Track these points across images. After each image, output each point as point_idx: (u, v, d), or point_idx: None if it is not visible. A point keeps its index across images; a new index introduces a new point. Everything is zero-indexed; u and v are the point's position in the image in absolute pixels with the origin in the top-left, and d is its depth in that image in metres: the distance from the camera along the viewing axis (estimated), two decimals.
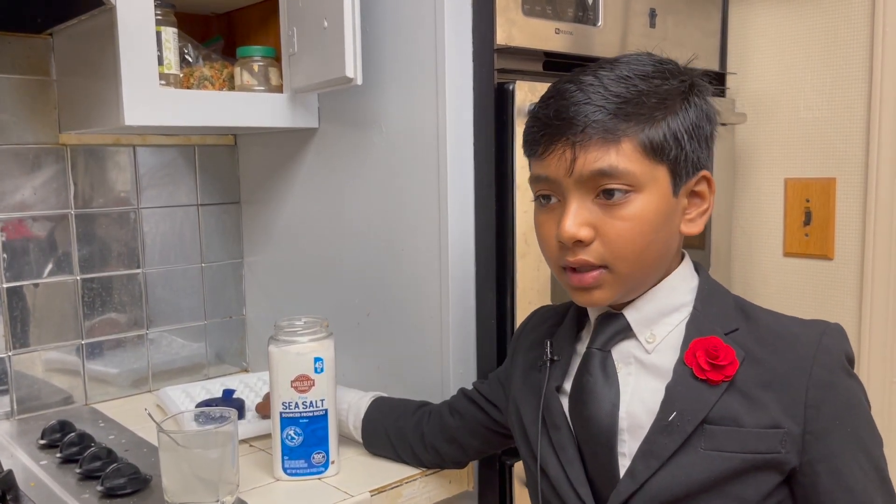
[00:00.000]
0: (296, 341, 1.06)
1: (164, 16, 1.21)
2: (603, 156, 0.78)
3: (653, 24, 1.42)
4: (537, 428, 0.89)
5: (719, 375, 0.78)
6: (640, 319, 0.85)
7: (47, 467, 1.13)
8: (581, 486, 0.84)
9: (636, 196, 0.79)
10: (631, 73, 0.80)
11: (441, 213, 1.16)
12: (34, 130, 1.36)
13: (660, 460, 0.78)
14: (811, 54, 1.52)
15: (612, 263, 0.80)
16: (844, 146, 1.48)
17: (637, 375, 0.84)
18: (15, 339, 1.36)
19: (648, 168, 0.79)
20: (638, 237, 0.80)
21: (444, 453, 1.09)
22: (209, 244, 1.58)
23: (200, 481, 0.96)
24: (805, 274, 1.53)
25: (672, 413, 0.79)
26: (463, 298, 1.18)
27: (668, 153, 0.80)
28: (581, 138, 0.79)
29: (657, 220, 0.81)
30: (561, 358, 0.90)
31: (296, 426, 1.07)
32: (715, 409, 0.78)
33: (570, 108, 0.79)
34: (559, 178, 0.81)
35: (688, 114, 0.81)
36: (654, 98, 0.79)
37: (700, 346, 0.80)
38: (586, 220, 0.80)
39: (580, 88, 0.80)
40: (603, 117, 0.78)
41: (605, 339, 0.86)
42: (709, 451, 0.77)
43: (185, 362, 1.57)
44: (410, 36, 1.18)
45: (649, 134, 0.79)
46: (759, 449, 0.77)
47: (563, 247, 0.82)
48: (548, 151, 0.81)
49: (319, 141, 1.38)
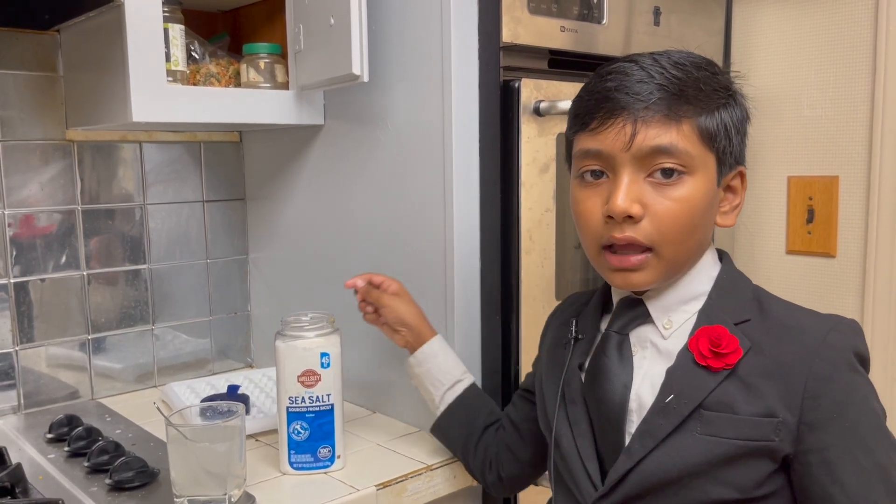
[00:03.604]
0: (302, 336, 1.07)
1: (171, 13, 1.22)
2: (664, 133, 0.79)
3: (657, 22, 1.43)
4: (556, 401, 0.91)
5: (720, 363, 0.80)
6: (660, 306, 0.86)
7: (55, 461, 1.14)
8: (589, 461, 0.86)
9: (688, 178, 0.80)
10: (685, 60, 0.82)
11: (446, 209, 1.17)
12: (42, 126, 1.37)
13: (655, 440, 0.80)
14: (814, 52, 1.52)
15: (659, 245, 0.81)
16: (847, 144, 1.48)
17: (651, 359, 0.86)
18: (22, 333, 1.37)
19: (702, 153, 0.81)
20: (687, 219, 0.81)
21: (503, 471, 1.08)
22: (215, 240, 1.59)
23: (208, 475, 0.97)
24: (808, 272, 1.54)
25: (670, 395, 0.81)
26: (468, 295, 1.19)
27: (718, 142, 0.82)
28: (645, 114, 0.79)
29: (704, 204, 0.82)
30: (585, 337, 0.92)
31: (302, 421, 1.08)
32: (712, 395, 0.79)
33: (635, 84, 0.80)
34: (614, 152, 0.80)
35: (736, 109, 0.84)
36: (709, 87, 0.81)
37: (704, 334, 0.81)
38: (638, 197, 0.80)
39: (641, 67, 0.81)
40: (666, 96, 0.79)
41: (624, 322, 0.88)
42: (704, 436, 0.79)
43: (190, 358, 1.58)
44: (416, 33, 1.19)
45: (706, 120, 0.81)
46: (753, 436, 0.78)
47: (608, 224, 0.82)
48: (605, 125, 0.81)
49: (325, 138, 1.39)
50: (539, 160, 1.21)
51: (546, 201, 1.23)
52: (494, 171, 1.20)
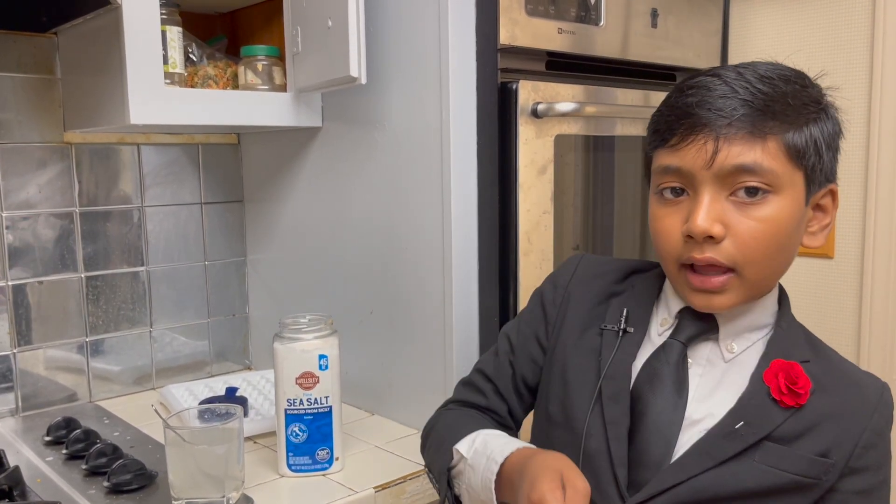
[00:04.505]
0: (301, 338, 1.07)
1: (168, 15, 1.22)
2: (748, 151, 0.75)
3: (654, 23, 1.43)
4: (589, 394, 0.87)
5: (793, 401, 0.80)
6: (730, 329, 0.85)
7: (53, 463, 1.14)
8: (620, 467, 0.82)
9: (773, 198, 0.77)
10: (772, 73, 0.78)
11: (444, 211, 1.17)
12: (39, 129, 1.36)
13: (714, 460, 0.79)
14: (811, 54, 1.52)
15: (742, 266, 0.78)
16: (845, 145, 1.48)
17: (704, 377, 0.84)
18: (20, 336, 1.37)
19: (788, 171, 0.77)
20: (772, 240, 0.77)
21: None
22: (213, 242, 1.59)
23: (206, 477, 0.97)
24: (805, 273, 1.54)
25: (740, 422, 0.80)
26: (466, 296, 1.19)
27: (807, 159, 0.78)
28: (727, 131, 0.76)
29: (790, 225, 0.78)
30: (635, 331, 0.88)
31: (300, 423, 1.08)
32: (779, 428, 0.80)
33: (717, 99, 0.76)
34: (695, 170, 0.77)
35: (826, 124, 0.80)
36: (798, 101, 0.78)
37: (782, 369, 0.81)
38: (719, 217, 0.77)
39: (724, 82, 0.77)
40: (751, 112, 0.76)
41: (690, 334, 0.85)
42: (761, 465, 0.79)
43: (189, 360, 1.58)
44: (414, 35, 1.19)
45: (793, 136, 0.77)
46: (807, 473, 0.79)
47: (687, 243, 0.79)
48: (685, 142, 0.78)
49: (323, 140, 1.39)
50: (537, 162, 1.21)
51: (544, 203, 1.23)
52: (492, 172, 1.20)
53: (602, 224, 1.39)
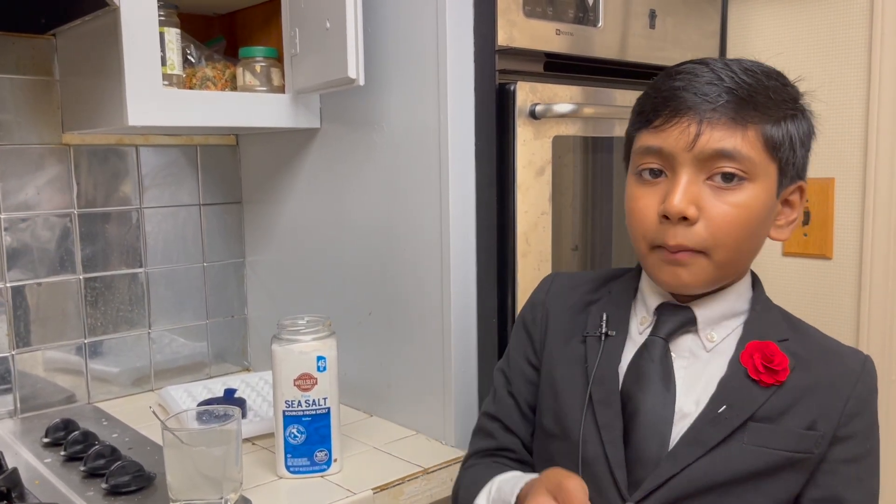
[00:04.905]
0: (299, 340, 1.07)
1: (167, 16, 1.22)
2: (728, 137, 0.78)
3: (652, 24, 1.43)
4: (580, 401, 0.88)
5: (771, 379, 0.82)
6: (708, 318, 0.87)
7: (51, 465, 1.14)
8: (618, 468, 0.83)
9: (748, 185, 0.80)
10: (755, 68, 0.81)
11: (442, 212, 1.17)
12: (38, 131, 1.36)
13: (704, 448, 0.81)
14: (810, 55, 1.52)
15: (712, 249, 0.80)
16: (843, 146, 1.49)
17: (689, 369, 0.86)
18: (18, 338, 1.37)
19: (764, 161, 0.80)
20: (743, 225, 0.80)
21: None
22: (211, 244, 1.59)
23: (205, 479, 0.97)
24: (804, 274, 1.54)
25: (722, 406, 0.81)
26: (464, 297, 1.19)
27: (782, 152, 0.81)
28: (711, 116, 0.78)
29: (761, 213, 0.81)
30: (617, 334, 0.90)
31: (298, 424, 1.08)
32: (762, 408, 0.81)
33: (704, 85, 0.79)
34: (676, 151, 0.80)
35: (802, 123, 0.83)
36: (778, 97, 0.81)
37: (757, 349, 0.83)
38: (695, 199, 0.79)
39: (711, 70, 0.80)
40: (734, 100, 0.79)
41: (670, 329, 0.87)
42: (751, 446, 0.81)
43: (187, 361, 1.58)
44: (412, 37, 1.19)
45: (772, 129, 0.80)
46: (798, 448, 0.81)
47: (661, 224, 0.81)
48: (669, 123, 0.80)
49: (321, 141, 1.39)
50: (535, 163, 1.21)
51: (542, 204, 1.23)
52: (490, 173, 1.20)
53: (600, 225, 1.39)
